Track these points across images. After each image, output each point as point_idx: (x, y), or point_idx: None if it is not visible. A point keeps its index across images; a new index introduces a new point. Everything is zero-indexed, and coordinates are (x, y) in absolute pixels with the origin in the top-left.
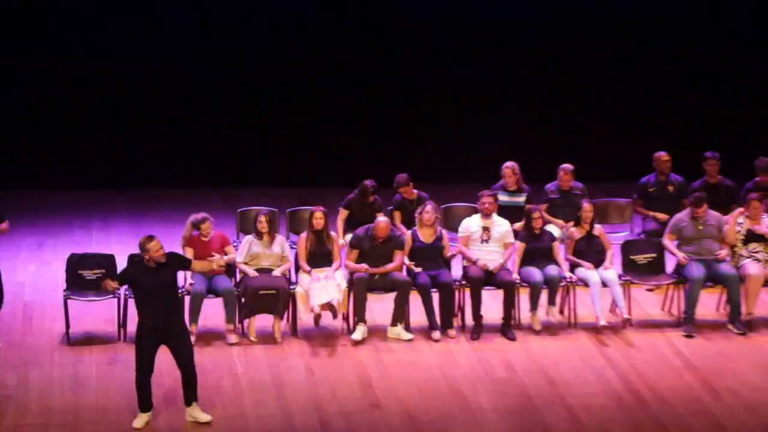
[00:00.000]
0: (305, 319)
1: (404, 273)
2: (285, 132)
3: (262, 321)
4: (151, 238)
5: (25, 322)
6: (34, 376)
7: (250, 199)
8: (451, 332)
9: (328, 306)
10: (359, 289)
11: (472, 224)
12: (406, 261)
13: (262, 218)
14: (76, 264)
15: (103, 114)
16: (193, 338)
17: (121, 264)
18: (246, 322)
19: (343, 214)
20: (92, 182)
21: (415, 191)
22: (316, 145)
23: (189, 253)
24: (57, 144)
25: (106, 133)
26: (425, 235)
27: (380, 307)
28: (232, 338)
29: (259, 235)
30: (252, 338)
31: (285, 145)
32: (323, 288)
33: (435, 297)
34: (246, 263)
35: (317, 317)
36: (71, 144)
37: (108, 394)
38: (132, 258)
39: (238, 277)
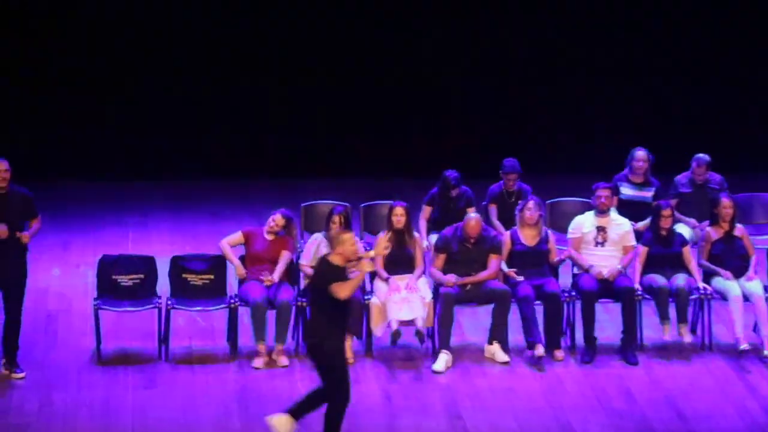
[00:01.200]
0: (380, 335)
1: (501, 282)
2: (354, 114)
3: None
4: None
5: (49, 336)
6: (58, 400)
7: (315, 192)
8: (558, 354)
9: (410, 322)
10: (446, 307)
11: (584, 223)
12: (504, 267)
13: (336, 219)
14: (109, 267)
15: (140, 98)
16: (260, 360)
17: (163, 268)
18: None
19: (426, 211)
20: (128, 172)
21: (517, 182)
22: (393, 130)
23: (235, 238)
24: (87, 129)
25: (142, 118)
26: (527, 237)
27: (472, 321)
28: (283, 360)
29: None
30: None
31: (354, 129)
32: (404, 301)
33: (538, 311)
34: (312, 267)
35: (395, 335)
36: (104, 130)
37: (146, 425)
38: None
39: (303, 283)
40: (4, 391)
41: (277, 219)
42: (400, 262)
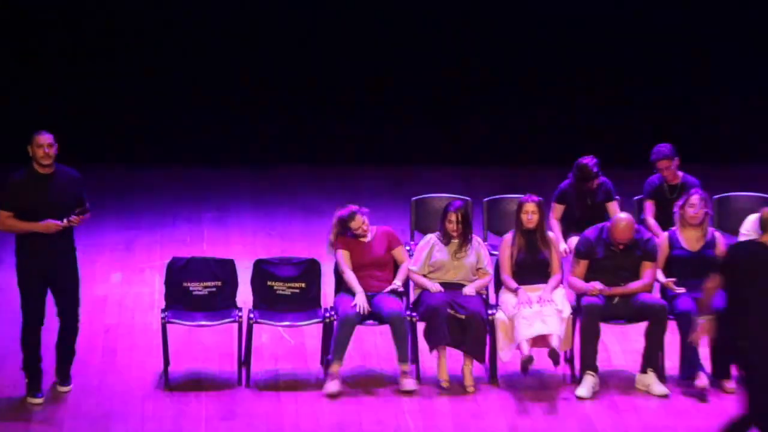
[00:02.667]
0: (508, 359)
1: (657, 294)
2: (473, 94)
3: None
4: None
5: (106, 356)
6: None
7: (426, 183)
8: (729, 385)
9: (543, 342)
10: (590, 320)
11: None
12: (661, 277)
13: (454, 216)
14: (179, 272)
15: (222, 75)
16: (334, 385)
17: (244, 273)
18: (432, 357)
19: (556, 210)
20: (205, 157)
21: (680, 173)
22: (520, 111)
23: (346, 260)
24: (156, 105)
25: (226, 96)
26: (689, 239)
27: (621, 342)
28: (409, 384)
29: (446, 237)
30: (443, 382)
31: (474, 110)
32: (536, 315)
33: None
34: (424, 275)
35: (527, 361)
36: (176, 107)
37: None
38: None
39: (413, 294)
40: (52, 421)
41: (356, 223)
42: (531, 269)
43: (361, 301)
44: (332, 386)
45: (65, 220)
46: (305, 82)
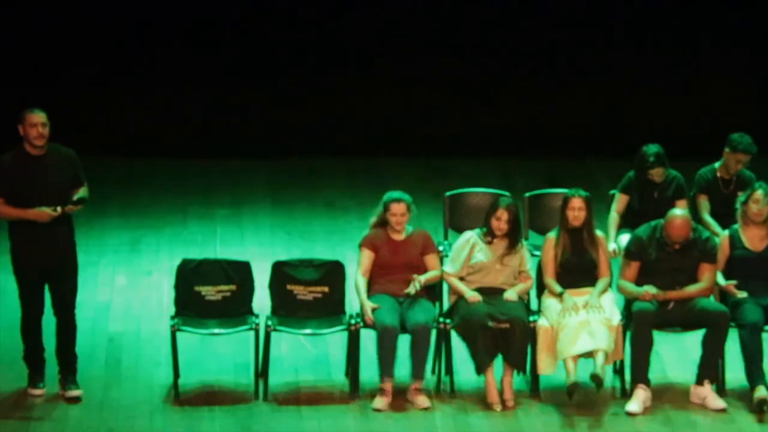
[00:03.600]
0: (550, 372)
1: (717, 299)
2: (509, 76)
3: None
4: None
5: (111, 367)
6: None
7: (461, 177)
8: None
9: (591, 355)
10: (642, 328)
11: None
12: (721, 280)
13: (505, 214)
14: (190, 275)
15: (237, 60)
16: (384, 401)
17: (261, 277)
18: (464, 367)
19: (620, 201)
20: (219, 147)
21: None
22: (561, 94)
23: (366, 261)
24: (163, 97)
25: (241, 81)
26: (753, 239)
27: (676, 352)
28: (423, 402)
29: (490, 235)
30: (495, 405)
31: (513, 93)
32: (583, 326)
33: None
34: (462, 278)
35: (573, 388)
36: (184, 98)
37: None
38: None
39: (448, 299)
40: (55, 428)
41: (398, 209)
42: (577, 271)
43: (366, 311)
44: (379, 402)
45: (59, 209)
46: (326, 66)
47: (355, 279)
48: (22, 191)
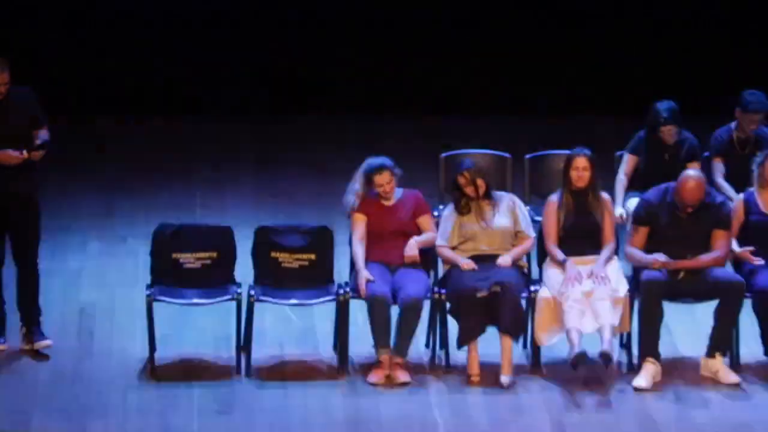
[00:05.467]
0: (550, 343)
1: (731, 268)
2: (508, 29)
3: (485, 346)
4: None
5: (82, 339)
6: (96, 430)
7: (457, 136)
8: None
9: (601, 354)
10: (651, 299)
11: None
12: (735, 247)
13: (462, 178)
14: (168, 241)
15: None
16: (379, 375)
17: (244, 243)
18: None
19: (629, 162)
20: (197, 105)
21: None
22: (564, 49)
23: (359, 226)
24: (137, 49)
25: (214, 34)
26: None
27: (687, 324)
28: (404, 376)
29: (464, 207)
30: (473, 376)
31: (507, 50)
32: (587, 299)
33: None
34: (455, 247)
35: (579, 359)
36: (161, 51)
37: None
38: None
39: (441, 270)
40: (19, 414)
41: (382, 179)
42: (581, 236)
43: (359, 282)
44: (374, 376)
45: (24, 152)
46: (313, 14)
47: (352, 246)
48: None
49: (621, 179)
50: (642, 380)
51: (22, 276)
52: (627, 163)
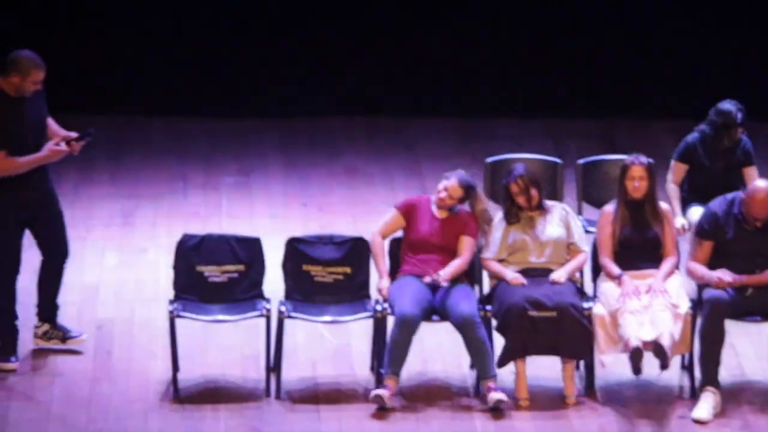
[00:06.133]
0: (609, 363)
1: None
2: (559, 26)
3: (535, 367)
4: None
5: (100, 358)
6: None
7: (504, 140)
8: None
9: (653, 345)
10: (714, 320)
11: None
12: None
13: (516, 186)
14: (192, 254)
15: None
16: (383, 398)
17: (273, 254)
18: (511, 369)
19: (677, 171)
20: (224, 104)
21: None
22: (619, 47)
23: (393, 223)
24: (160, 48)
25: (241, 33)
26: None
27: (754, 345)
28: (498, 395)
29: (513, 216)
30: (522, 400)
31: (557, 48)
32: (645, 311)
33: None
34: (502, 260)
35: (635, 355)
36: (185, 51)
37: None
38: None
39: (487, 284)
40: (34, 429)
41: (451, 188)
42: (638, 250)
43: (382, 287)
44: (377, 397)
45: (64, 144)
46: (346, 13)
47: (373, 249)
48: (16, 136)
49: (672, 188)
50: (702, 412)
51: (55, 273)
52: (675, 171)
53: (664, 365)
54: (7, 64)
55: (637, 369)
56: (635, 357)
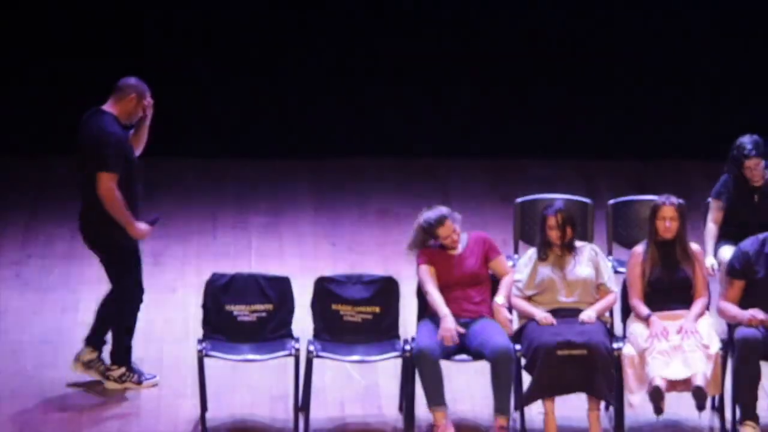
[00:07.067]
0: (638, 403)
1: None
2: (590, 67)
3: (566, 407)
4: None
5: (129, 397)
6: None
7: (534, 181)
8: None
9: (684, 385)
10: (748, 357)
11: None
12: None
13: (553, 220)
14: (220, 293)
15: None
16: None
17: (302, 293)
18: (536, 407)
19: (715, 210)
20: (254, 147)
21: None
22: (651, 87)
23: (429, 276)
24: (189, 88)
25: (271, 73)
26: None
27: None
28: None
29: (545, 250)
30: None
31: (588, 88)
32: (675, 351)
33: None
34: (530, 298)
35: (655, 395)
36: (214, 91)
37: None
38: None
39: (516, 322)
40: None
41: (446, 231)
42: (669, 290)
43: (448, 329)
44: None
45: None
46: (376, 54)
47: (430, 299)
48: (131, 165)
49: (711, 228)
50: None
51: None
52: (713, 210)
53: (701, 406)
54: (124, 87)
55: (657, 408)
56: (655, 396)
